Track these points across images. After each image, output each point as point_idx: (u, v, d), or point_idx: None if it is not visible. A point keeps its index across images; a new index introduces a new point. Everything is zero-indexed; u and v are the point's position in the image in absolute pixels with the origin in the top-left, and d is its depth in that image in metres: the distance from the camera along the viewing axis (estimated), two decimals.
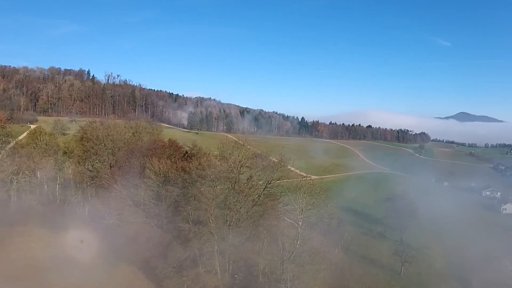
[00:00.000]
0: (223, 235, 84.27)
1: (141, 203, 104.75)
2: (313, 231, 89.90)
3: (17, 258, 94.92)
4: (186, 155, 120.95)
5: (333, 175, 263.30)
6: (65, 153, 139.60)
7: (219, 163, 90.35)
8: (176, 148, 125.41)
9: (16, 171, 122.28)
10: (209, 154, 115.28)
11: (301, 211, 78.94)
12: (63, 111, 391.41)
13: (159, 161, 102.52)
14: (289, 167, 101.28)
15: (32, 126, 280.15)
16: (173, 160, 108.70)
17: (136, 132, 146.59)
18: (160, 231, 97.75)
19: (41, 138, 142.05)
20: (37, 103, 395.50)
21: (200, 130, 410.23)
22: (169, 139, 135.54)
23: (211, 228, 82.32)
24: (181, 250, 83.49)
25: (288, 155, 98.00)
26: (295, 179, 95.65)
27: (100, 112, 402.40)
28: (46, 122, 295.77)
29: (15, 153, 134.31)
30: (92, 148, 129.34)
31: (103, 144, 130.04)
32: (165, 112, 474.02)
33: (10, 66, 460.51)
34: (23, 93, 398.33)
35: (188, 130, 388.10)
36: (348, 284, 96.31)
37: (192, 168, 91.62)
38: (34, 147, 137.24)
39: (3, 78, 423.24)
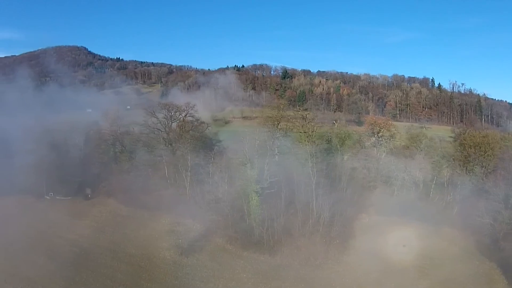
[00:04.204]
0: None
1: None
2: None
3: (395, 243, 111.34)
4: None
5: None
6: (443, 156, 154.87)
7: None
8: None
9: (402, 169, 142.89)
10: None
11: None
12: (411, 117, 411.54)
13: None
14: None
15: None
16: None
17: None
18: None
19: (423, 141, 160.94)
20: (384, 108, 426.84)
21: None
22: None
23: None
24: None
25: None
26: None
27: (448, 121, 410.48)
28: (394, 127, 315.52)
29: (396, 153, 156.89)
30: (474, 153, 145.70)
31: (483, 151, 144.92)
32: (509, 123, 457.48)
33: (347, 72, 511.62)
34: (368, 99, 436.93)
35: None
36: None
37: None
38: (416, 148, 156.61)
39: (345, 83, 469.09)
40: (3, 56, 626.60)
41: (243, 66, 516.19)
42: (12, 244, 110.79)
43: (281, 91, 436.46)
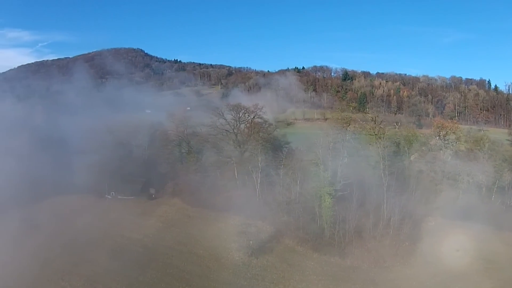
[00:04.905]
0: None
1: None
2: None
3: (450, 249, 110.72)
4: None
5: None
6: (505, 159, 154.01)
7: None
8: None
9: (466, 172, 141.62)
10: None
11: None
12: (469, 120, 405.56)
13: None
14: None
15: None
16: None
17: None
18: None
19: (486, 145, 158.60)
20: (443, 111, 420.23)
21: None
22: None
23: None
24: None
25: None
26: None
27: (505, 123, 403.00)
28: (460, 130, 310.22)
29: (460, 155, 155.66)
30: None
31: None
32: None
33: (405, 74, 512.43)
34: (428, 100, 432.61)
35: None
36: None
37: None
38: (479, 151, 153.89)
39: (404, 85, 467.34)
40: (56, 58, 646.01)
41: (303, 67, 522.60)
42: (72, 243, 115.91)
43: (342, 93, 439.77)
